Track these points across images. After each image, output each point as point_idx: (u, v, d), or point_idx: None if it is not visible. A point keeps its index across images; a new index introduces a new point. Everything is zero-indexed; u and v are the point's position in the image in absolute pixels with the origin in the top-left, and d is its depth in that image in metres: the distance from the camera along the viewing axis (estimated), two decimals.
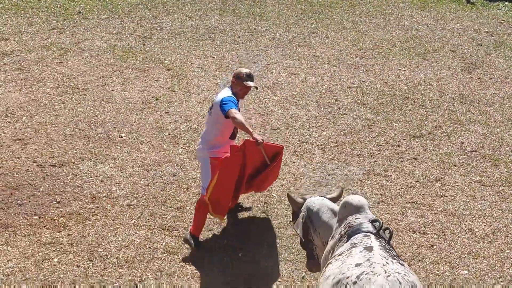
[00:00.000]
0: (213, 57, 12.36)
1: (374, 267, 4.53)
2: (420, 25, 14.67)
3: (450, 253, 7.08)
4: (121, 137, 9.34)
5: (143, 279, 6.61)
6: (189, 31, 13.73)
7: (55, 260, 6.84)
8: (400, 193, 8.17)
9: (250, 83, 6.99)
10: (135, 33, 13.51)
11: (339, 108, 10.45)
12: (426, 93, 11.06)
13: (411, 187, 8.31)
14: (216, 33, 13.63)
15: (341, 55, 12.67)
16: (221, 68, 11.83)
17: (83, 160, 8.73)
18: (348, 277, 4.51)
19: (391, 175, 8.56)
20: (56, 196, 7.93)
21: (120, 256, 6.93)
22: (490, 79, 11.75)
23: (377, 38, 13.75)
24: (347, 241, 5.05)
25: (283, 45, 13.12)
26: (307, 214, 5.79)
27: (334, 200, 6.01)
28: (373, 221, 5.17)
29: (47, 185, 8.13)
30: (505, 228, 7.51)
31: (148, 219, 7.55)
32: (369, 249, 4.79)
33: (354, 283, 4.44)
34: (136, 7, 15.17)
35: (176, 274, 6.70)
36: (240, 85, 7.01)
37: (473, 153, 9.17)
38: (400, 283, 4.41)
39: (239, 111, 6.89)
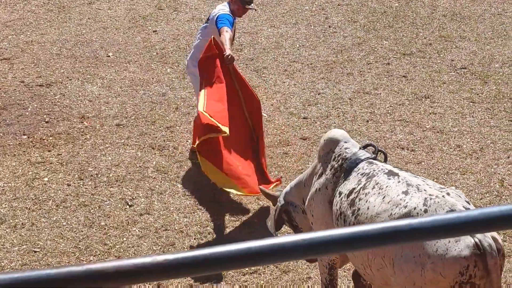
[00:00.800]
0: None
1: (425, 189, 4.28)
2: None
3: (438, 169, 7.15)
4: (109, 56, 9.23)
5: (134, 197, 6.67)
6: None
7: (46, 179, 6.87)
8: (389, 111, 8.18)
9: (249, 6, 6.93)
10: None
11: (329, 26, 10.33)
12: (417, 10, 10.92)
13: (400, 105, 8.32)
14: None
15: None
16: None
17: (70, 79, 8.65)
18: (415, 208, 4.20)
19: (380, 93, 8.55)
20: (45, 116, 7.89)
21: (111, 175, 6.96)
22: None
23: None
24: (349, 174, 4.73)
25: None
26: (284, 201, 5.38)
27: None
28: (365, 146, 4.94)
29: (35, 105, 8.08)
30: (493, 144, 7.57)
31: (138, 139, 7.55)
32: (393, 173, 4.52)
33: (426, 211, 4.17)
34: None
35: (166, 193, 6.75)
36: (238, 5, 6.90)
37: (462, 70, 9.14)
38: (459, 196, 4.27)
39: (233, 31, 6.73)
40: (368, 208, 4.44)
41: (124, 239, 6.18)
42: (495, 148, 7.51)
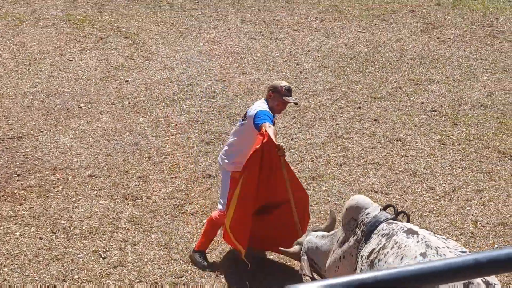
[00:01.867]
0: (172, 24, 12.21)
1: (445, 254, 4.18)
2: None
3: (412, 211, 7.16)
4: (80, 107, 9.21)
5: (107, 249, 6.57)
6: None
7: (17, 233, 6.76)
8: (362, 155, 8.22)
9: (289, 99, 6.25)
10: (91, 0, 13.26)
11: (300, 72, 10.44)
12: (386, 55, 11.09)
13: (372, 148, 8.37)
14: None
15: (301, 19, 12.62)
16: (181, 35, 11.70)
17: (42, 131, 8.60)
18: None
19: (352, 137, 8.61)
20: (16, 169, 7.81)
21: (84, 227, 6.87)
22: (448, 38, 11.83)
23: (337, 0, 13.71)
24: (369, 236, 4.67)
25: (243, 10, 13.01)
26: (307, 257, 5.43)
27: (328, 228, 5.59)
28: (385, 208, 4.89)
29: (7, 158, 8.00)
30: (465, 186, 7.62)
31: (111, 189, 7.49)
32: (412, 232, 4.41)
33: None
34: None
35: (140, 243, 6.67)
36: (278, 100, 6.24)
37: (432, 112, 9.26)
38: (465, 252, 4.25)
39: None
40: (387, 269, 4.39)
41: None
42: (468, 189, 7.57)
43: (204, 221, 6.83)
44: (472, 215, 7.07)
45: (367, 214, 4.83)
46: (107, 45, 11.26)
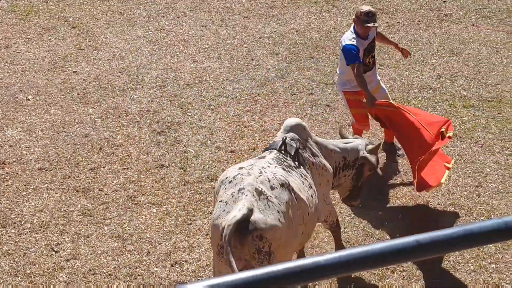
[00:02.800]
0: (120, 12, 12.04)
1: (252, 169, 4.92)
2: None
3: (364, 195, 7.21)
4: (28, 99, 9.02)
5: (60, 242, 6.47)
6: None
7: None
8: None
9: (369, 25, 6.91)
10: None
11: (252, 59, 10.41)
12: (336, 40, 11.12)
13: (325, 133, 8.40)
14: None
15: (252, 5, 12.57)
16: (129, 24, 11.55)
17: None
18: (227, 177, 4.91)
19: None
20: None
21: (35, 221, 6.75)
22: (397, 22, 11.93)
23: None
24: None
25: None
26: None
27: (372, 151, 6.23)
28: (282, 138, 5.49)
29: None
30: None
31: (62, 182, 7.36)
32: (260, 158, 5.24)
33: (230, 182, 4.85)
34: None
35: (93, 236, 6.58)
36: (359, 25, 6.97)
37: None
38: (269, 180, 4.83)
39: (361, 55, 7.01)
40: None
41: (51, 286, 5.98)
42: None
43: (155, 210, 6.79)
44: (424, 196, 7.16)
45: (275, 138, 5.70)
46: (54, 35, 11.04)
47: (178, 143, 8.10)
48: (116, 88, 9.41)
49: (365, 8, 7.00)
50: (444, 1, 13.20)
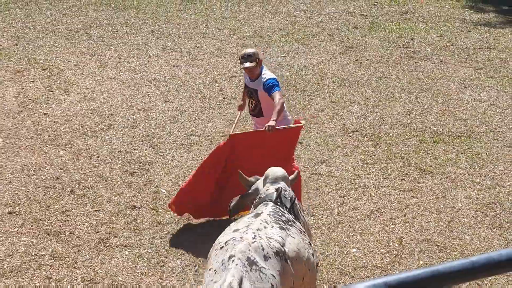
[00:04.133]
0: (91, 54, 12.04)
1: (247, 233, 4.59)
2: (298, 11, 14.88)
3: (338, 232, 7.22)
4: None
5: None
6: (64, 28, 13.32)
7: None
8: None
9: (242, 66, 7.26)
10: (6, 33, 12.95)
11: (224, 98, 10.44)
12: (307, 78, 11.23)
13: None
14: (92, 29, 13.28)
15: (223, 45, 12.67)
16: (100, 65, 11.55)
17: None
18: (219, 242, 4.62)
19: None
20: None
21: (5, 266, 6.62)
22: (367, 60, 12.09)
23: (257, 26, 13.85)
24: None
25: (163, 38, 12.97)
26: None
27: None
28: (276, 189, 5.22)
29: None
30: (389, 204, 7.74)
31: (32, 226, 7.25)
32: (257, 215, 4.88)
33: (221, 247, 4.55)
34: (6, 6, 14.55)
35: (65, 280, 6.47)
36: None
37: (354, 133, 9.40)
38: (263, 248, 4.48)
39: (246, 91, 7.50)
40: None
41: None
42: (391, 207, 7.69)
43: (127, 253, 6.71)
44: (397, 232, 7.18)
45: (266, 190, 5.38)
46: (25, 78, 11.00)
47: (150, 184, 8.05)
48: (87, 129, 9.36)
49: (242, 52, 7.28)
50: (412, 39, 13.42)
